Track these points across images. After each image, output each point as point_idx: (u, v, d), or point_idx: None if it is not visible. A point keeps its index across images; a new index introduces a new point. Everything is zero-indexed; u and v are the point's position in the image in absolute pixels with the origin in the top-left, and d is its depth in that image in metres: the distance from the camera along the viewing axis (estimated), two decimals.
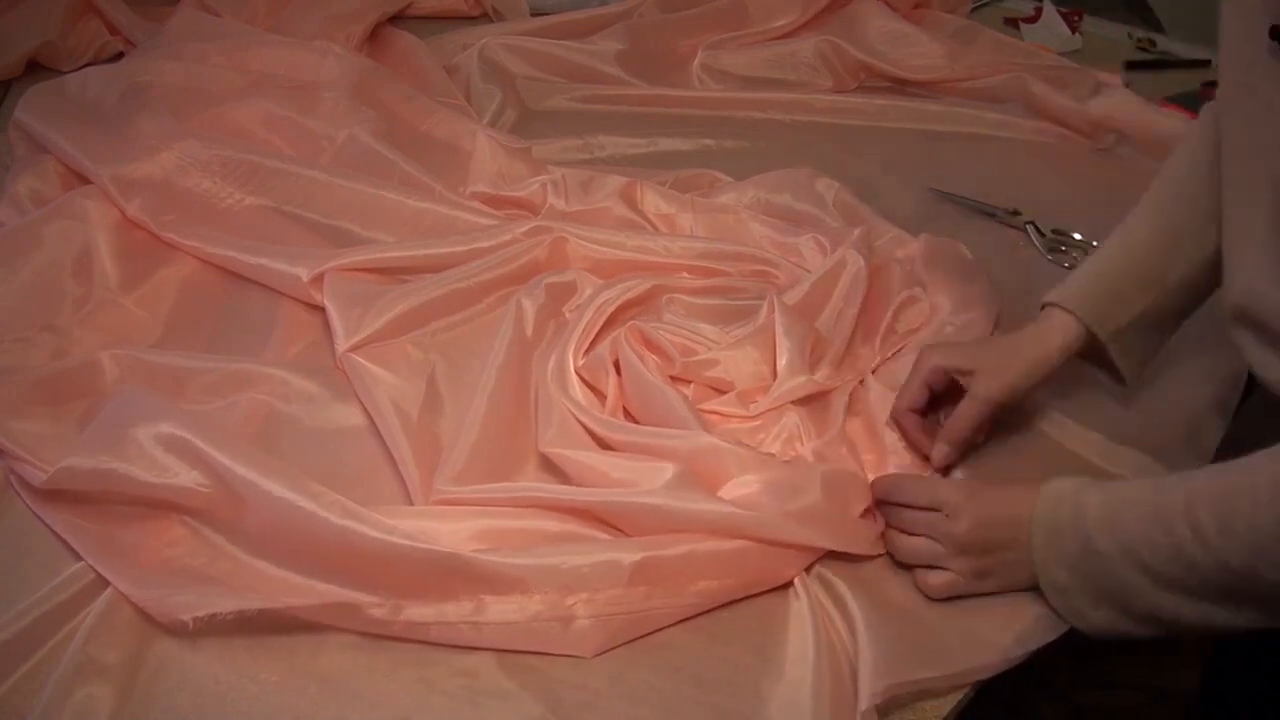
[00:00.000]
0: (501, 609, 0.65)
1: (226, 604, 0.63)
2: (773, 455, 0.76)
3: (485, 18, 1.54)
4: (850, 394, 0.83)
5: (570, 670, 0.65)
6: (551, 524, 0.70)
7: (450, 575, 0.65)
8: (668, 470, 0.70)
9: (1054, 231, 1.08)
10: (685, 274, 0.93)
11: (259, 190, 1.02)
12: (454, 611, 0.65)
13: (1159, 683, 0.86)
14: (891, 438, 0.80)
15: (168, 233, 0.97)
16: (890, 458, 0.79)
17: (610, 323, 0.87)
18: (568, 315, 0.90)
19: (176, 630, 0.64)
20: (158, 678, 0.63)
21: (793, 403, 0.81)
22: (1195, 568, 0.60)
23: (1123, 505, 0.64)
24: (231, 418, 0.79)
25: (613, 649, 0.66)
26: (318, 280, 0.90)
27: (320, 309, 0.89)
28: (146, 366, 0.82)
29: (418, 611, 0.65)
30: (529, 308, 0.87)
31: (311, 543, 0.66)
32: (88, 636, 0.63)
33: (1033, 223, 1.09)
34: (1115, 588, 0.64)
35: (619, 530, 0.70)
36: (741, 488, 0.71)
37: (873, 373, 0.86)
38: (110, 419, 0.72)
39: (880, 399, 0.82)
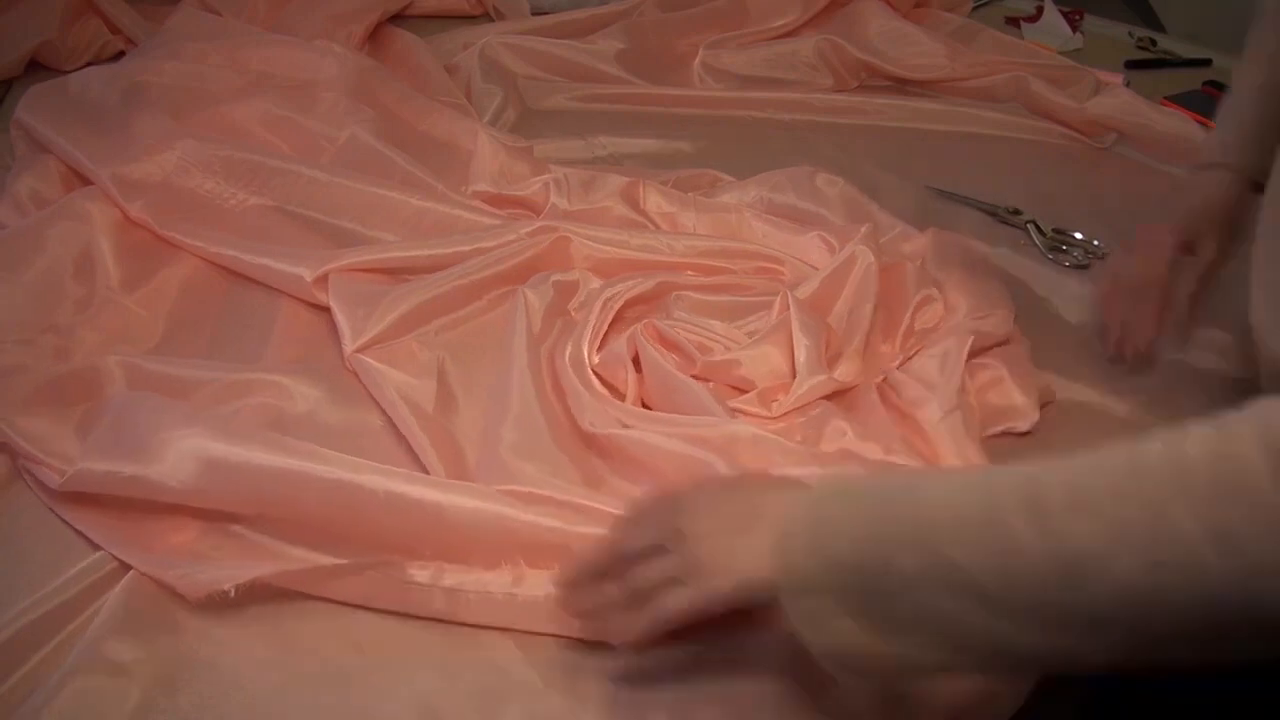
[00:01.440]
0: (540, 581, 0.66)
1: (265, 568, 0.64)
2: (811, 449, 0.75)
3: (486, 17, 1.53)
4: (877, 389, 0.83)
5: (594, 663, 0.65)
6: None
7: (497, 538, 0.66)
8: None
9: (1054, 231, 1.08)
10: (689, 272, 0.93)
11: (261, 190, 1.02)
12: (495, 582, 0.66)
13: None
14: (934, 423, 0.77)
15: (169, 232, 0.96)
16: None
17: (619, 319, 0.87)
18: (573, 314, 0.90)
19: (214, 603, 0.64)
20: (162, 676, 0.63)
21: (821, 400, 0.80)
22: (1018, 554, 0.44)
23: (924, 477, 0.52)
24: (239, 423, 0.79)
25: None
26: (321, 280, 0.90)
27: (322, 308, 0.89)
28: (150, 375, 0.81)
29: (459, 578, 0.66)
30: (536, 304, 0.87)
31: (357, 521, 0.67)
32: (97, 632, 0.63)
33: (1033, 222, 1.09)
34: (878, 585, 0.48)
35: None
36: None
37: (899, 367, 0.85)
38: (127, 421, 0.72)
39: (915, 393, 0.81)
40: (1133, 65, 1.47)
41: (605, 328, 0.85)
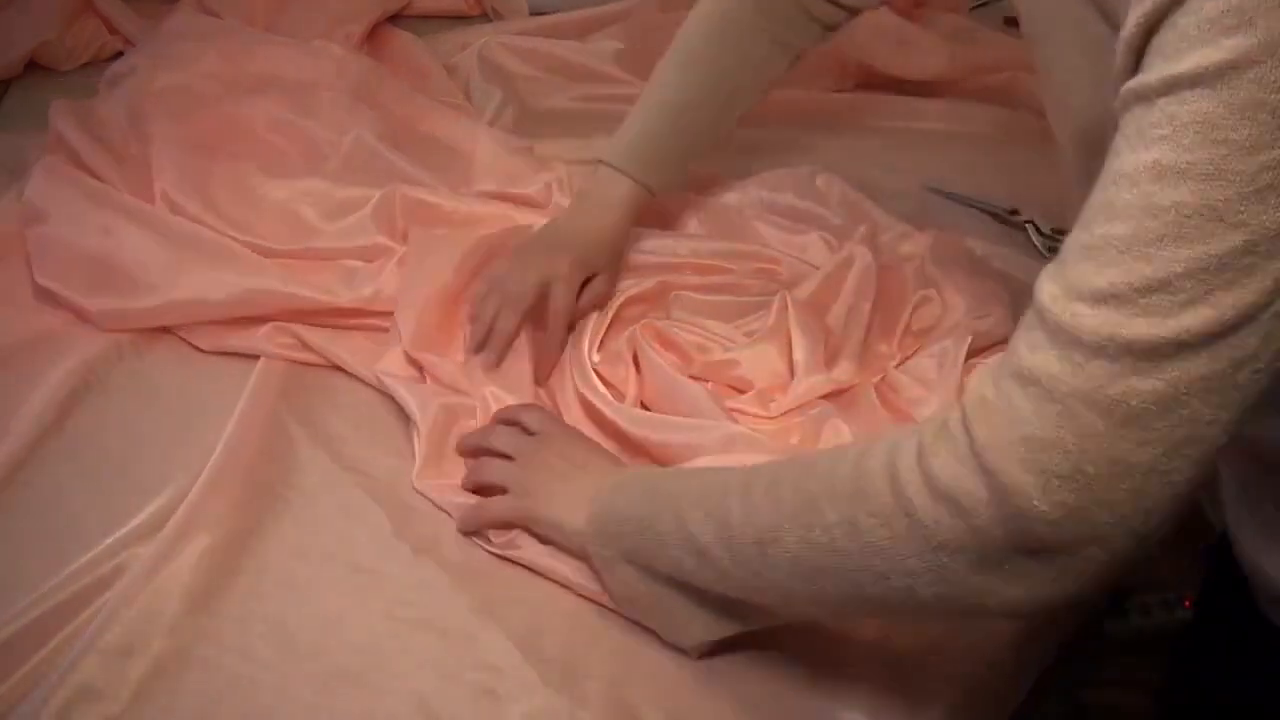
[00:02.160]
0: None
1: None
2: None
3: (485, 17, 1.53)
4: (876, 389, 0.83)
5: (593, 662, 0.65)
6: None
7: None
8: None
9: (1053, 231, 1.08)
10: (689, 272, 0.93)
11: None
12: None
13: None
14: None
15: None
16: None
17: (619, 319, 0.87)
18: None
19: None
20: (162, 675, 0.63)
21: (820, 398, 0.81)
22: (730, 526, 0.58)
23: (697, 468, 0.66)
24: None
25: None
26: None
27: None
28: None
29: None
30: None
31: None
32: (96, 631, 0.63)
33: (1033, 222, 1.09)
34: (642, 540, 0.63)
35: None
36: None
37: (897, 367, 0.86)
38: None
39: (913, 392, 0.82)
40: None
41: (605, 327, 0.85)
